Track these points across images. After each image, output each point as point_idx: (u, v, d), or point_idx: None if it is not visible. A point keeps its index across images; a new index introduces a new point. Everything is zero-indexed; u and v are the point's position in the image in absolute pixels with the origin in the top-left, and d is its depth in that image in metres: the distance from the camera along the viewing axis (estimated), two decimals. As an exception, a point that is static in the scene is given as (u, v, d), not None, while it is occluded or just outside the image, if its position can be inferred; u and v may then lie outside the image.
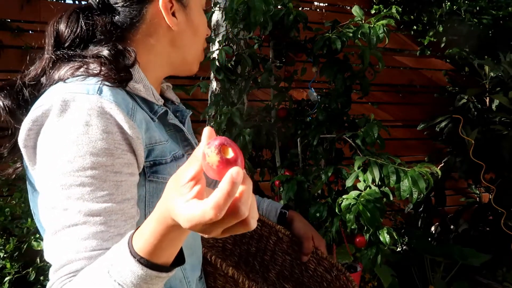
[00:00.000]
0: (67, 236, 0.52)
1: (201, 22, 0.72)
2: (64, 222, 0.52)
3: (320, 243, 0.89)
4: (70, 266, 0.51)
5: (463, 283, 2.38)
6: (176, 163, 0.63)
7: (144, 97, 0.63)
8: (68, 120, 0.52)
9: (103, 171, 0.53)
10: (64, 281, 0.51)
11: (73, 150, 0.52)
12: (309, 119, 1.97)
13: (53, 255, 0.53)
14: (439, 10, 3.37)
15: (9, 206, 1.98)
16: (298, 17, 1.80)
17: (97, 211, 0.52)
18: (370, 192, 1.49)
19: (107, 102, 0.54)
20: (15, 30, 2.54)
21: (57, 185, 0.52)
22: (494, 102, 3.20)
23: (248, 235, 0.99)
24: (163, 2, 0.65)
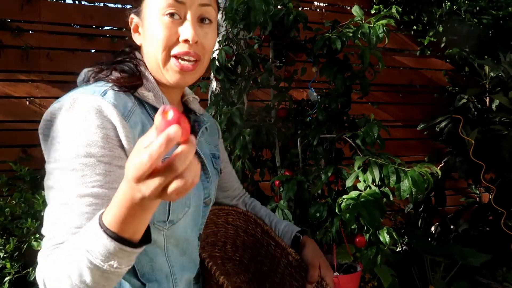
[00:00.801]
0: (58, 213, 0.60)
1: (155, 32, 0.69)
2: (58, 200, 0.61)
3: (327, 273, 0.86)
4: (57, 238, 0.59)
5: (463, 283, 2.38)
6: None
7: (152, 104, 0.71)
8: (72, 115, 0.62)
9: (94, 160, 0.61)
10: (50, 251, 0.60)
11: (72, 140, 0.61)
12: (309, 119, 1.97)
13: (45, 228, 0.62)
14: (439, 10, 3.37)
15: (9, 206, 1.98)
16: (298, 17, 1.80)
17: (86, 194, 0.60)
18: (370, 192, 1.49)
19: (106, 103, 0.63)
20: (15, 30, 2.54)
21: (56, 168, 0.62)
22: (494, 102, 3.20)
23: (263, 253, 0.99)
24: (130, 22, 0.74)
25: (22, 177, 2.21)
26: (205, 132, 0.85)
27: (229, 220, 1.03)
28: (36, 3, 2.61)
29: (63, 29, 2.69)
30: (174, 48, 0.70)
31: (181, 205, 0.73)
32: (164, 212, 0.70)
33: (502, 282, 2.56)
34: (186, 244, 0.79)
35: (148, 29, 0.71)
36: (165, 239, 0.73)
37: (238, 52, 1.85)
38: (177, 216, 0.73)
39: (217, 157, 0.89)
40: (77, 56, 2.70)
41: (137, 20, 0.73)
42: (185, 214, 0.74)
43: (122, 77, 0.70)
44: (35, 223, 1.92)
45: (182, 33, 0.69)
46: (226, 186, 1.01)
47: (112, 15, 2.80)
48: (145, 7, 0.71)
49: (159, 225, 0.71)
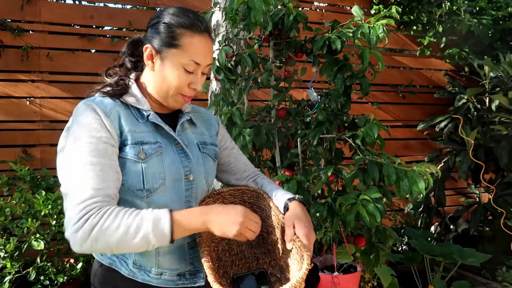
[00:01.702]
0: (79, 177, 0.82)
1: (172, 76, 0.94)
2: (77, 169, 0.83)
3: (299, 231, 0.92)
4: (84, 194, 0.81)
5: (463, 283, 2.38)
6: (139, 146, 0.90)
7: (134, 105, 0.95)
8: (78, 113, 0.89)
9: (96, 140, 0.85)
10: (90, 208, 0.80)
11: (80, 130, 0.86)
12: (309, 119, 1.97)
13: (71, 189, 0.82)
14: (439, 10, 3.37)
15: (9, 206, 1.98)
16: (298, 17, 1.80)
17: (95, 162, 0.84)
18: (370, 192, 1.49)
19: (94, 104, 0.90)
20: (15, 30, 2.55)
21: (70, 148, 0.85)
22: (494, 102, 3.20)
23: (270, 224, 1.08)
24: (149, 49, 0.94)
25: (22, 177, 2.21)
26: (189, 125, 1.06)
27: (244, 199, 1.14)
28: (36, 3, 2.61)
29: (63, 29, 2.70)
30: (184, 90, 0.96)
31: (154, 177, 0.91)
32: (139, 182, 0.89)
33: (502, 282, 2.56)
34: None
35: (166, 70, 0.94)
36: (147, 206, 0.90)
37: (238, 52, 1.85)
38: (152, 186, 0.91)
39: (209, 144, 1.07)
40: (77, 56, 2.70)
41: (155, 53, 0.94)
42: (161, 185, 0.92)
43: (108, 91, 0.96)
44: (35, 223, 1.92)
45: (194, 84, 0.96)
46: (234, 169, 1.17)
47: (112, 15, 2.81)
48: (169, 53, 0.92)
49: (138, 192, 0.90)
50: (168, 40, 0.92)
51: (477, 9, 3.53)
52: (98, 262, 0.97)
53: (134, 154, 0.89)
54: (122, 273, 0.93)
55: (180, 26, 0.92)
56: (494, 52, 3.48)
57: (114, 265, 0.94)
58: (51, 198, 1.99)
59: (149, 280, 0.94)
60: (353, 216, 1.47)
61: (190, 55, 0.92)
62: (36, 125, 2.60)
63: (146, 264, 0.94)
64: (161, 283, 0.95)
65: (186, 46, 0.92)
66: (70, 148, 0.85)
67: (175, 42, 0.92)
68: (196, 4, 2.94)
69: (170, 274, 0.96)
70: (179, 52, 0.92)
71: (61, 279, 1.98)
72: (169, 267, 0.96)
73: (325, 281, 1.99)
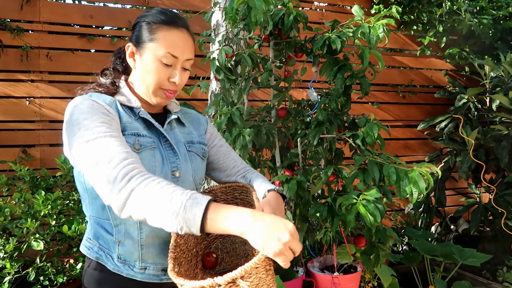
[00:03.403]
0: (105, 146, 0.81)
1: (150, 71, 0.97)
2: (99, 142, 0.82)
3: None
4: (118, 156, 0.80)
5: (464, 283, 2.38)
6: (135, 138, 0.93)
7: (125, 104, 0.98)
8: (76, 105, 0.89)
9: (108, 119, 0.87)
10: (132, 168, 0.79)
11: (87, 114, 0.86)
12: (309, 119, 1.97)
13: (99, 157, 0.80)
14: (439, 10, 3.37)
15: (8, 206, 1.98)
16: (298, 17, 1.80)
17: (115, 136, 0.85)
18: (370, 192, 1.49)
19: (93, 97, 0.92)
20: (14, 30, 2.54)
21: (86, 130, 0.84)
22: (494, 102, 3.20)
23: None
24: (130, 47, 0.99)
25: (21, 177, 2.21)
26: (177, 124, 1.10)
27: (235, 195, 1.16)
28: (35, 3, 2.61)
29: (62, 29, 2.69)
30: (164, 84, 0.98)
31: (148, 168, 0.91)
32: None
33: (502, 282, 2.56)
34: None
35: (145, 65, 0.97)
36: None
37: (238, 52, 1.85)
38: None
39: (196, 143, 1.10)
40: (77, 56, 2.70)
41: (135, 50, 0.98)
42: None
43: (102, 90, 1.00)
44: (35, 223, 1.92)
45: (173, 77, 0.98)
46: (223, 166, 1.18)
47: (112, 15, 2.80)
48: (147, 47, 0.96)
49: None
50: (146, 35, 0.96)
51: (477, 9, 3.52)
52: (87, 261, 0.99)
53: (131, 144, 0.90)
54: (108, 267, 0.94)
55: (157, 22, 0.96)
56: (494, 52, 3.48)
57: (100, 259, 0.95)
58: (50, 198, 1.99)
59: (134, 275, 0.94)
60: (353, 216, 1.47)
61: (166, 48, 0.95)
62: (36, 125, 2.59)
63: (130, 258, 0.94)
64: (145, 278, 0.95)
65: (162, 39, 0.95)
66: (85, 129, 0.83)
67: (152, 36, 0.96)
68: (196, 4, 2.94)
69: (154, 269, 0.96)
70: (156, 46, 0.95)
71: (60, 279, 1.97)
72: (153, 261, 0.96)
73: (325, 281, 1.99)
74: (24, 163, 2.45)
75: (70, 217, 2.08)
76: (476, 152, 3.05)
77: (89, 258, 0.98)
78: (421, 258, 2.54)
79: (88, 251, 0.98)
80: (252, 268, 0.72)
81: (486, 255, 2.38)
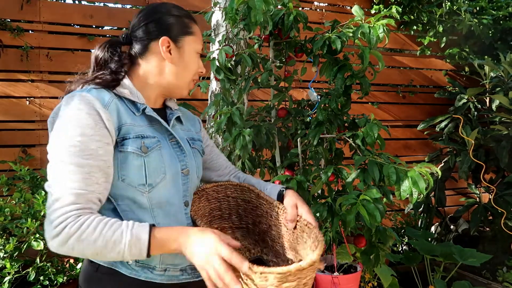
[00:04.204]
0: (63, 178, 0.79)
1: (192, 61, 1.01)
2: (61, 169, 0.79)
3: (304, 208, 0.99)
4: (65, 198, 0.78)
5: (464, 283, 2.38)
6: (140, 140, 0.90)
7: (128, 98, 0.94)
8: (70, 106, 0.84)
9: (87, 138, 0.81)
10: (69, 215, 0.77)
11: (69, 124, 0.82)
12: (309, 119, 1.97)
13: (54, 188, 0.79)
14: (439, 10, 3.37)
15: (9, 206, 1.98)
16: (298, 17, 1.80)
17: (83, 164, 0.80)
18: (370, 192, 1.49)
19: (91, 96, 0.85)
20: (14, 29, 2.54)
21: (59, 145, 0.81)
22: (494, 102, 3.20)
23: (259, 213, 1.14)
24: (162, 41, 0.96)
25: (22, 177, 2.21)
26: (177, 122, 1.08)
27: (228, 194, 1.18)
28: (36, 2, 2.61)
29: (63, 29, 2.69)
30: (196, 75, 1.04)
31: (156, 171, 0.90)
32: (142, 177, 0.88)
33: (502, 282, 2.56)
34: (169, 206, 0.95)
35: (185, 59, 0.99)
36: (148, 201, 0.90)
37: (238, 52, 1.85)
38: (154, 181, 0.90)
39: (196, 140, 1.11)
40: (77, 56, 2.70)
41: (173, 46, 0.98)
42: (162, 179, 0.92)
43: (101, 82, 0.94)
44: (35, 223, 1.92)
45: (200, 68, 1.04)
46: (216, 165, 1.21)
47: (112, 15, 2.80)
48: (185, 41, 0.99)
49: (140, 188, 0.88)
50: (184, 29, 0.99)
51: (477, 9, 3.53)
52: (94, 264, 0.92)
53: (137, 148, 0.88)
54: (123, 272, 0.90)
55: (186, 17, 1.01)
56: (494, 52, 3.48)
57: (114, 264, 0.91)
58: (50, 198, 1.99)
59: (153, 278, 0.92)
60: (353, 216, 1.47)
61: (200, 41, 1.02)
62: (36, 125, 2.59)
63: (149, 262, 0.92)
64: (165, 280, 0.93)
65: (197, 33, 1.02)
66: (58, 145, 0.81)
67: (189, 30, 1.00)
68: (196, 4, 2.94)
69: (173, 270, 0.95)
70: (195, 39, 1.01)
71: (60, 279, 1.97)
72: (172, 262, 0.94)
73: (325, 281, 1.99)
74: (24, 163, 2.45)
75: (70, 217, 2.08)
76: (476, 152, 3.05)
77: (96, 262, 0.92)
78: (421, 258, 2.54)
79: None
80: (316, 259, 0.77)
81: (486, 255, 2.38)
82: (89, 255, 0.79)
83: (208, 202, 1.12)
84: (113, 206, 0.89)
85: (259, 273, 0.72)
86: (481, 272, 2.71)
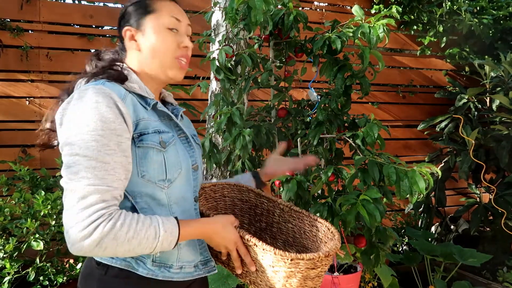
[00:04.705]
0: (86, 175, 0.76)
1: (162, 39, 0.93)
2: (84, 165, 0.76)
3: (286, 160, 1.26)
4: (93, 197, 0.75)
5: (464, 283, 2.38)
6: (158, 135, 0.88)
7: (138, 92, 0.91)
8: (85, 99, 0.79)
9: (110, 133, 0.78)
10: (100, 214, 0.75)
11: (88, 118, 0.77)
12: (309, 119, 1.97)
13: (76, 187, 0.75)
14: (440, 10, 3.37)
15: (8, 206, 1.98)
16: (298, 17, 1.80)
17: (107, 160, 0.77)
18: (370, 192, 1.49)
19: (107, 89, 0.82)
20: (14, 29, 2.54)
21: (79, 140, 0.77)
22: (494, 102, 3.20)
23: (258, 212, 1.19)
24: (124, 31, 0.95)
25: (21, 177, 2.21)
26: (182, 118, 1.08)
27: (224, 193, 1.21)
28: (35, 2, 2.60)
29: (62, 29, 2.69)
30: (177, 51, 0.95)
31: (174, 166, 0.90)
32: (162, 172, 0.87)
33: (502, 282, 2.55)
34: (184, 202, 0.96)
35: (152, 38, 0.92)
36: (167, 197, 0.90)
37: (238, 52, 1.85)
38: (173, 175, 0.90)
39: (196, 137, 1.11)
40: (77, 56, 2.70)
41: (135, 31, 0.94)
42: (179, 175, 0.92)
43: (112, 75, 0.90)
44: (34, 223, 1.91)
45: (183, 42, 0.96)
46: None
47: (112, 15, 2.80)
48: (148, 21, 0.93)
49: (160, 183, 0.88)
50: (143, 10, 0.94)
51: (477, 9, 3.52)
52: (102, 267, 0.87)
53: (157, 143, 0.86)
54: (139, 273, 0.87)
55: None
56: (494, 52, 3.47)
57: (130, 266, 0.87)
58: (50, 198, 1.99)
59: (170, 276, 0.91)
60: (353, 216, 1.47)
61: (168, 12, 0.94)
62: (36, 125, 2.59)
63: (167, 260, 0.90)
64: (180, 277, 0.93)
65: (161, 7, 0.94)
66: (78, 140, 0.76)
67: (149, 9, 0.94)
68: (196, 4, 2.94)
69: (188, 267, 0.95)
70: (157, 15, 0.93)
71: (60, 279, 1.97)
72: (187, 259, 0.94)
73: (325, 282, 1.98)
74: (24, 163, 2.45)
75: (70, 217, 2.08)
76: (476, 152, 3.04)
77: (105, 265, 0.87)
78: (421, 258, 2.54)
79: (112, 260, 0.87)
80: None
81: (486, 255, 2.38)
82: (120, 253, 0.77)
83: (206, 201, 1.14)
84: (131, 204, 0.86)
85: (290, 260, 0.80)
86: (481, 272, 2.71)
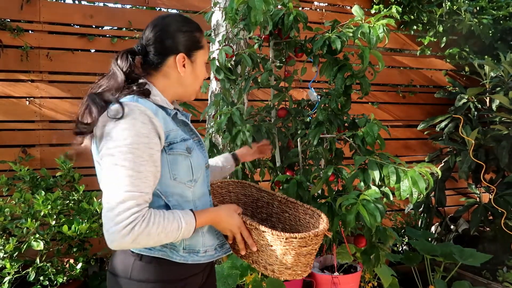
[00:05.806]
0: (124, 182, 0.89)
1: (201, 72, 1.12)
2: (122, 174, 0.89)
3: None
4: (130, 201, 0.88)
5: (464, 283, 2.38)
6: (184, 143, 1.03)
7: (160, 104, 1.04)
8: (124, 117, 0.91)
9: (143, 146, 0.91)
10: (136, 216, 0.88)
11: (126, 133, 0.90)
12: (309, 119, 1.97)
13: (115, 192, 0.88)
14: (440, 10, 3.37)
15: (8, 206, 1.98)
16: (298, 17, 1.80)
17: (141, 170, 0.91)
18: (370, 192, 1.49)
19: (142, 106, 0.95)
20: (14, 29, 2.54)
21: (118, 152, 0.90)
22: (494, 102, 3.20)
23: (260, 205, 1.32)
24: (179, 58, 1.06)
25: (21, 177, 2.21)
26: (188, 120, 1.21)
27: (230, 189, 1.35)
28: (35, 2, 2.61)
29: (62, 29, 2.69)
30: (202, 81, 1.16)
31: (198, 168, 1.05)
32: (190, 174, 1.03)
33: (502, 282, 2.56)
34: (204, 197, 1.11)
35: (196, 70, 1.10)
36: (192, 194, 1.05)
37: (238, 52, 1.85)
38: (197, 176, 1.05)
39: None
40: (77, 56, 2.70)
41: (188, 61, 1.08)
42: (201, 175, 1.07)
43: (140, 90, 1.01)
44: (34, 223, 1.91)
45: (206, 75, 1.15)
46: None
47: (112, 15, 2.80)
48: (198, 55, 1.09)
49: (188, 184, 1.03)
50: (195, 44, 1.08)
51: (477, 9, 3.52)
52: (137, 256, 1.00)
53: (184, 150, 1.01)
54: (173, 260, 1.01)
55: (197, 30, 1.09)
56: (494, 52, 3.47)
57: (165, 254, 1.00)
58: (50, 198, 1.99)
59: (198, 260, 1.05)
60: (353, 216, 1.47)
61: (208, 51, 1.13)
62: (36, 125, 2.59)
63: (195, 246, 1.05)
64: (206, 259, 1.07)
65: (206, 45, 1.12)
66: (116, 152, 0.90)
67: (200, 45, 1.10)
68: (196, 4, 2.94)
69: (210, 250, 1.09)
70: (204, 52, 1.11)
71: (60, 279, 1.97)
72: (209, 243, 1.09)
73: (325, 281, 1.99)
74: (24, 163, 2.45)
75: (70, 217, 2.08)
76: (476, 152, 3.04)
77: (139, 253, 1.00)
78: (421, 258, 2.54)
79: (150, 250, 1.00)
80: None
81: (486, 255, 2.38)
82: (150, 245, 0.93)
83: (213, 196, 1.26)
84: (164, 203, 1.00)
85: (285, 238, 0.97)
86: (481, 272, 2.71)
